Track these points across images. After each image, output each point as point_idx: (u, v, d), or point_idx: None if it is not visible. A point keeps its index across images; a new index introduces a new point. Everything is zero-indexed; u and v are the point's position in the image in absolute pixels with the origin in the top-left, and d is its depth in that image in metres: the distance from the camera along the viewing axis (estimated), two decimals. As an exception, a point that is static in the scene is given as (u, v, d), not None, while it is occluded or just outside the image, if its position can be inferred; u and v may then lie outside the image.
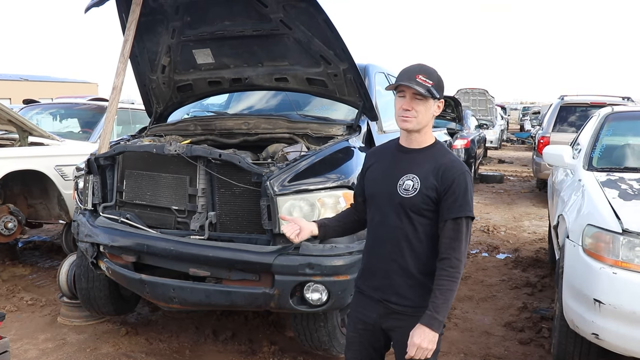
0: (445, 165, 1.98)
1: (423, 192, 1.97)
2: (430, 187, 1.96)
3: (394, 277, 2.05)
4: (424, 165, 2.00)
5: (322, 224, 2.25)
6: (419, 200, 1.97)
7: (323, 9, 3.23)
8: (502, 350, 3.75)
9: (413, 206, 1.98)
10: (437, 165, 1.99)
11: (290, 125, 3.71)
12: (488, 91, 19.37)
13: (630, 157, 4.13)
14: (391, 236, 2.04)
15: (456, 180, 1.95)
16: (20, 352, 3.64)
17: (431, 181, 1.97)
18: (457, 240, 1.94)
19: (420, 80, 1.96)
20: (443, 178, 1.96)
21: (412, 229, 2.00)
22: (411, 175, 2.00)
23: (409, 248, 2.01)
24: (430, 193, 1.96)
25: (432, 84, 1.97)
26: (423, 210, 1.98)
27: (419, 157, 2.04)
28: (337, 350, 3.31)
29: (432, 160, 2.01)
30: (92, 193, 3.56)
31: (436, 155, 2.03)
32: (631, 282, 2.72)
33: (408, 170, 2.02)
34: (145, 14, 3.62)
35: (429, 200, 1.97)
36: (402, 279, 2.03)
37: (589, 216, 3.09)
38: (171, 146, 3.17)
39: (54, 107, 7.31)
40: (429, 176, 1.97)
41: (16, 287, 4.86)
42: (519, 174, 13.76)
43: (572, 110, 9.69)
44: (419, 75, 1.97)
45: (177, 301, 3.13)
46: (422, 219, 1.99)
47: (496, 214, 8.65)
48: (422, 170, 1.99)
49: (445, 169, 1.97)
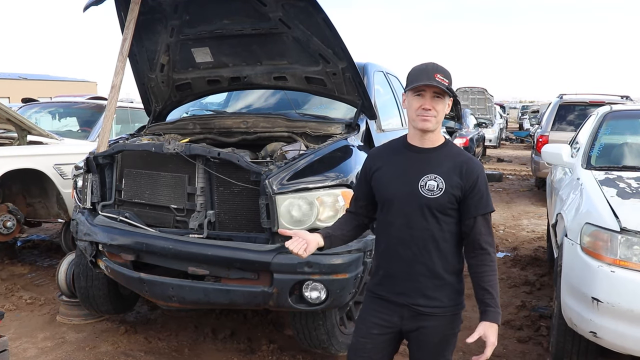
0: (465, 163, 2.01)
1: (449, 191, 1.97)
2: (456, 186, 1.98)
3: (421, 279, 2.02)
4: (444, 165, 2.00)
5: (326, 234, 2.15)
6: (445, 199, 1.98)
7: (322, 7, 3.23)
8: (500, 349, 3.76)
9: (439, 206, 1.98)
10: (457, 163, 2.00)
11: (289, 124, 3.71)
12: (487, 90, 19.38)
13: (629, 156, 4.14)
14: (417, 238, 2.00)
15: (480, 177, 2.00)
16: (20, 350, 3.64)
17: (456, 180, 1.98)
18: (490, 235, 2.01)
19: (439, 80, 1.95)
20: (467, 176, 1.98)
21: (438, 229, 2.00)
22: (433, 175, 1.99)
23: (436, 249, 2.01)
24: (455, 192, 1.98)
25: (448, 83, 1.98)
26: (448, 209, 1.99)
27: (435, 156, 2.03)
28: (335, 349, 3.32)
29: (450, 158, 2.02)
30: (91, 192, 3.56)
31: (452, 153, 2.05)
32: (629, 281, 2.73)
33: (428, 170, 2.00)
34: (144, 13, 3.62)
35: (454, 199, 1.99)
36: (430, 280, 2.02)
37: (587, 215, 3.09)
38: (170, 145, 3.17)
39: (52, 105, 7.31)
40: (452, 175, 1.98)
41: (15, 286, 4.86)
42: (518, 172, 13.77)
43: (571, 109, 9.70)
44: (437, 75, 1.96)
45: (176, 300, 3.13)
46: (447, 217, 2.00)
47: (495, 212, 8.63)
48: (443, 170, 1.99)
49: (467, 167, 2.00)
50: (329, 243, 2.15)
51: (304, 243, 2.04)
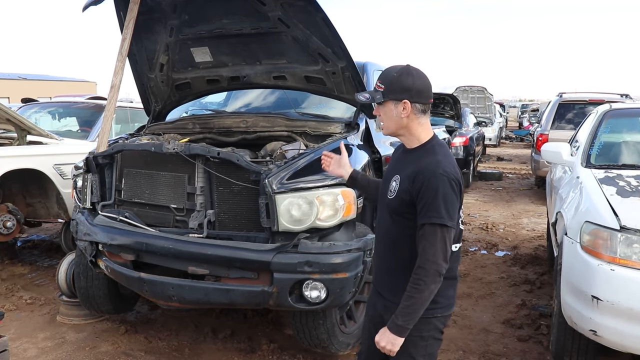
0: (420, 167, 1.93)
1: (400, 195, 1.97)
2: (405, 190, 1.95)
3: (385, 274, 2.11)
4: (409, 167, 1.98)
5: (355, 175, 2.46)
6: (397, 203, 1.98)
7: (321, 7, 3.23)
8: (500, 347, 3.76)
9: (394, 208, 2.00)
10: (415, 167, 1.95)
11: (288, 123, 3.71)
12: (487, 89, 19.37)
13: (628, 154, 4.14)
14: (382, 236, 2.11)
15: (425, 184, 1.89)
16: (20, 350, 3.64)
17: (406, 184, 1.95)
18: (422, 247, 1.89)
19: (376, 87, 2.02)
20: (415, 181, 1.92)
21: (396, 230, 2.02)
22: (396, 177, 2.02)
23: (395, 248, 2.04)
24: (405, 196, 1.95)
25: (383, 88, 1.99)
26: (403, 212, 1.97)
27: (409, 158, 2.03)
28: (335, 348, 3.32)
29: (415, 162, 1.98)
30: (90, 192, 3.56)
31: (420, 156, 1.99)
32: (629, 279, 2.73)
33: (397, 172, 2.04)
34: (143, 13, 3.61)
35: (404, 203, 1.95)
36: (391, 277, 2.07)
37: (587, 213, 3.09)
38: (170, 144, 3.17)
39: (52, 105, 7.30)
40: (406, 179, 1.96)
41: (15, 286, 4.86)
42: (518, 171, 13.76)
43: (571, 107, 9.70)
44: (377, 82, 2.03)
45: (176, 299, 3.13)
46: (405, 221, 1.98)
47: (495, 211, 8.66)
48: (405, 172, 1.99)
49: (418, 172, 1.92)
50: (352, 184, 2.50)
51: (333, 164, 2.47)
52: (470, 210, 8.73)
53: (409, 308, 1.89)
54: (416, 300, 1.88)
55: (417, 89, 1.98)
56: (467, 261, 5.80)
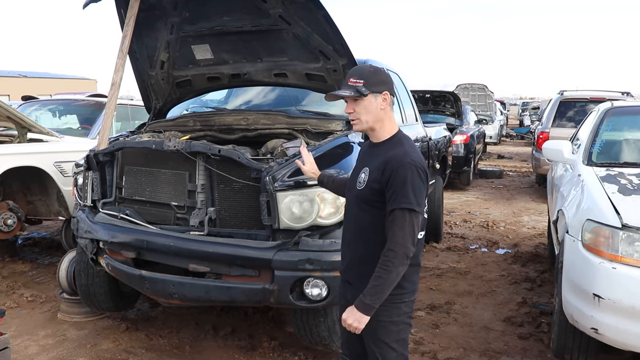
0: (388, 157, 2.04)
1: (370, 184, 2.06)
2: (375, 180, 2.04)
3: (354, 264, 2.17)
4: (377, 159, 2.08)
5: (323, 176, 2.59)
6: (367, 192, 2.07)
7: (322, 4, 3.22)
8: (501, 345, 3.76)
9: (363, 198, 2.09)
10: (384, 158, 2.05)
11: (289, 120, 3.70)
12: (487, 86, 19.35)
13: (630, 152, 4.13)
14: (350, 225, 2.19)
15: (394, 173, 1.99)
16: (21, 348, 3.64)
17: (375, 174, 2.05)
18: (392, 231, 1.98)
19: (350, 83, 2.08)
20: (384, 171, 2.02)
21: (365, 220, 2.10)
22: (366, 169, 2.11)
23: (362, 238, 2.12)
24: (374, 185, 2.04)
25: (363, 83, 2.06)
26: (373, 201, 2.06)
27: (378, 150, 2.13)
28: (336, 345, 3.32)
29: (383, 153, 2.08)
30: (91, 189, 3.56)
31: (388, 148, 2.10)
32: (630, 277, 2.73)
33: (366, 164, 2.13)
34: (143, 10, 3.61)
35: (375, 192, 2.05)
36: (360, 265, 2.13)
37: (589, 211, 3.09)
38: (170, 142, 3.17)
39: (52, 103, 7.29)
40: (376, 170, 2.06)
41: (16, 284, 4.86)
42: (519, 169, 13.76)
43: (572, 105, 9.69)
44: (350, 79, 2.09)
45: (177, 297, 3.13)
46: (374, 210, 2.07)
47: (495, 209, 8.66)
48: (374, 164, 2.08)
49: (387, 162, 2.02)
50: (321, 183, 2.60)
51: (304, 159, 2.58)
52: (471, 208, 8.73)
53: (376, 287, 1.98)
54: (384, 281, 1.97)
55: (391, 83, 2.15)
56: (467, 259, 5.80)
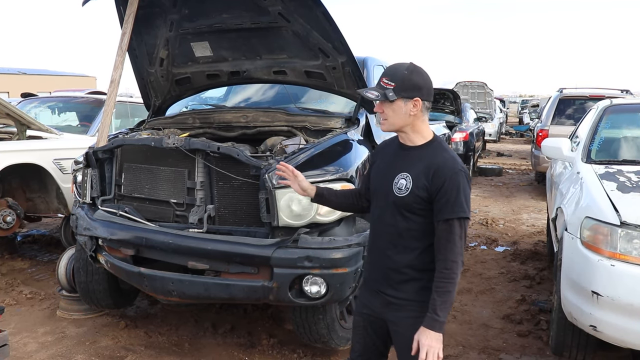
0: (437, 164, 1.95)
1: (414, 192, 1.96)
2: (422, 187, 1.95)
3: (387, 270, 2.08)
4: (418, 164, 1.99)
5: (320, 192, 2.32)
6: (411, 200, 1.97)
7: (321, 1, 3.22)
8: (500, 343, 3.77)
9: (406, 205, 1.99)
10: (430, 164, 1.96)
11: (288, 118, 3.70)
12: (487, 84, 19.35)
13: (629, 150, 4.13)
14: (386, 232, 2.07)
15: (447, 181, 1.92)
16: (20, 345, 3.65)
17: (422, 181, 1.95)
18: (450, 242, 1.92)
19: (382, 84, 1.98)
20: (434, 178, 1.93)
21: (404, 227, 2.01)
22: (405, 174, 2.00)
23: (401, 245, 2.03)
24: (421, 193, 1.96)
25: (394, 85, 1.96)
26: (416, 209, 1.98)
27: (415, 155, 2.03)
28: (335, 343, 3.32)
29: (425, 159, 1.99)
30: (90, 186, 3.55)
31: (431, 153, 2.01)
32: (629, 274, 2.73)
33: (403, 169, 2.02)
34: (143, 7, 3.60)
35: (420, 200, 1.96)
36: (394, 273, 2.06)
37: (587, 209, 3.09)
38: (170, 139, 3.17)
39: (52, 100, 7.29)
40: (421, 176, 1.96)
41: (15, 281, 4.86)
42: (518, 167, 13.76)
43: (571, 103, 9.68)
44: (383, 78, 1.99)
45: (176, 294, 3.13)
46: (416, 217, 1.99)
47: (495, 206, 8.67)
48: (415, 170, 1.99)
49: (437, 169, 1.94)
50: (318, 199, 2.34)
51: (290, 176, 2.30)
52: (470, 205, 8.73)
53: (447, 302, 1.93)
54: (450, 294, 1.93)
55: (427, 87, 2.01)
56: (467, 256, 5.80)
